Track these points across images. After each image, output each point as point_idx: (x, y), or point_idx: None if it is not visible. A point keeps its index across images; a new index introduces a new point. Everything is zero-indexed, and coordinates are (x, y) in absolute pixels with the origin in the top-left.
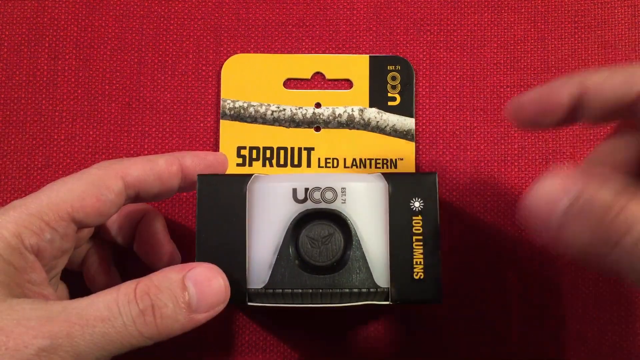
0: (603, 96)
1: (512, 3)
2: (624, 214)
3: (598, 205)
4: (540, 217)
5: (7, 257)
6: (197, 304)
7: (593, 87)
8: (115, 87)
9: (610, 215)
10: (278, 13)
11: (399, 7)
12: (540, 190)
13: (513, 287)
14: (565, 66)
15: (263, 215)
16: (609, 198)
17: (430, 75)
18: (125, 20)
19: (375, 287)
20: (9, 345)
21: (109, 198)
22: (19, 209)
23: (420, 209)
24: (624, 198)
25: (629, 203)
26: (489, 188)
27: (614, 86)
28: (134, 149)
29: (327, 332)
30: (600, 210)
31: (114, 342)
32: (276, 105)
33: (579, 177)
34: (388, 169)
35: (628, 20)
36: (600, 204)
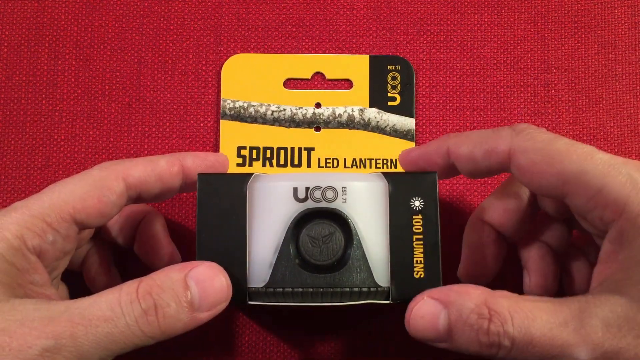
0: (470, 165)
1: (512, 3)
2: (494, 322)
3: (471, 317)
4: (427, 336)
5: (10, 259)
6: (200, 302)
7: (460, 156)
8: (115, 87)
9: (484, 324)
10: (278, 13)
11: (399, 7)
12: (418, 313)
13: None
14: (565, 66)
15: (263, 214)
16: (477, 307)
17: (430, 75)
18: (125, 20)
19: (376, 286)
20: (13, 346)
21: (111, 199)
22: (21, 211)
23: (420, 208)
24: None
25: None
26: (489, 188)
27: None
28: (134, 149)
29: (327, 332)
30: (474, 321)
31: (117, 342)
32: (276, 105)
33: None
34: (388, 169)
35: (628, 20)
36: (472, 315)
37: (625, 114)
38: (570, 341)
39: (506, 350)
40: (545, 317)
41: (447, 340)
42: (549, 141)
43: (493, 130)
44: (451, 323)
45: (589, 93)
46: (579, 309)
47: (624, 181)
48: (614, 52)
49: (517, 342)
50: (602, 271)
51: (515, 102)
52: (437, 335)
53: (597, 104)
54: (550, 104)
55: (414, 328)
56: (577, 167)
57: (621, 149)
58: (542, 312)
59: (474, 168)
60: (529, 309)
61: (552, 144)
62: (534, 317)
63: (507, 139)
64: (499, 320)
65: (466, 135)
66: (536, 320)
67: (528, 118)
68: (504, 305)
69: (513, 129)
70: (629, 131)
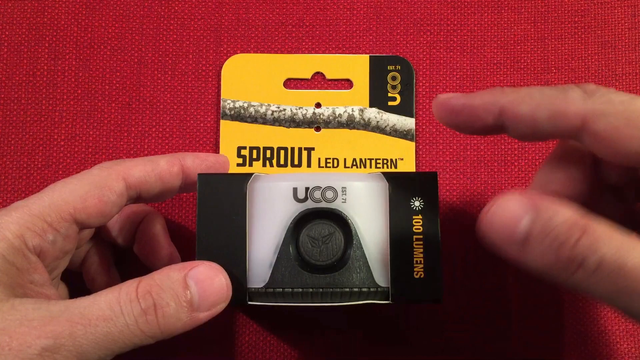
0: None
1: (512, 3)
2: (586, 236)
3: (560, 227)
4: (500, 236)
5: (10, 258)
6: (199, 302)
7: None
8: (115, 87)
9: (573, 237)
10: (278, 13)
11: (399, 7)
12: (500, 209)
13: (513, 287)
14: (565, 66)
15: (263, 215)
16: (570, 220)
17: (430, 75)
18: (125, 20)
19: (376, 286)
20: (12, 345)
21: (111, 199)
22: (22, 210)
23: (420, 209)
24: (583, 220)
25: (589, 224)
26: (489, 188)
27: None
28: (134, 149)
29: (327, 332)
30: (563, 231)
31: (117, 341)
32: (276, 105)
33: (537, 198)
34: (388, 168)
35: (628, 20)
36: (562, 225)
37: None
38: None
39: (587, 272)
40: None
41: (520, 247)
42: (629, 102)
43: (558, 89)
44: (534, 228)
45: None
46: None
47: None
48: (614, 52)
49: (605, 264)
50: None
51: None
52: (511, 238)
53: None
54: None
55: (488, 222)
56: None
57: None
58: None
59: (533, 131)
60: (628, 239)
61: (634, 104)
62: (632, 247)
63: (578, 102)
64: (593, 237)
65: (525, 92)
66: (633, 251)
67: None
68: (602, 226)
69: (583, 89)
70: None
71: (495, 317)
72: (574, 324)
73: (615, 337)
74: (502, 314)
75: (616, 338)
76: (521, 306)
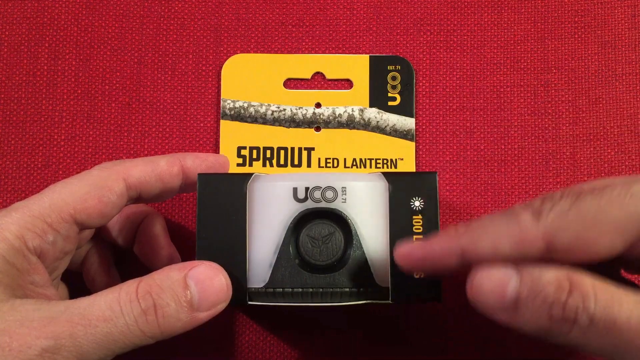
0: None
1: (512, 3)
2: (575, 293)
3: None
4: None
5: (10, 259)
6: (199, 302)
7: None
8: (115, 87)
9: (563, 295)
10: (278, 13)
11: (399, 7)
12: (485, 275)
13: None
14: (565, 66)
15: (263, 215)
16: (557, 278)
17: (430, 75)
18: (125, 20)
19: (376, 286)
20: (13, 346)
21: (111, 199)
22: (22, 211)
23: (420, 208)
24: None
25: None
26: (489, 188)
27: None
28: (134, 149)
29: (327, 332)
30: (551, 291)
31: (117, 342)
32: (276, 105)
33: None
34: (388, 168)
35: (628, 20)
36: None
37: (625, 114)
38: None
39: (581, 330)
40: (634, 302)
41: (512, 311)
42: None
43: (508, 216)
44: (522, 291)
45: (589, 93)
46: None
47: None
48: (614, 52)
49: (597, 321)
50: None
51: (515, 102)
52: (502, 304)
53: (597, 104)
54: (550, 104)
55: (476, 289)
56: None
57: (621, 149)
58: (630, 297)
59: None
60: (616, 292)
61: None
62: (621, 300)
63: (532, 226)
64: (580, 296)
65: (479, 228)
66: (623, 305)
67: (528, 118)
68: (588, 281)
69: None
70: (629, 131)
71: None
72: None
73: None
74: None
75: None
76: None
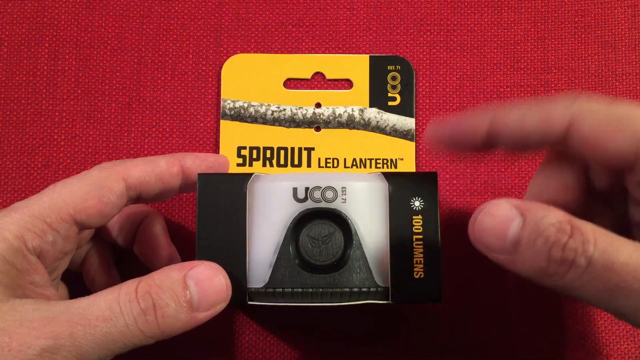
0: (519, 136)
1: (512, 3)
2: (576, 236)
3: (549, 229)
4: (491, 241)
5: (10, 259)
6: (199, 302)
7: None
8: (115, 87)
9: (563, 238)
10: (278, 13)
11: (399, 7)
12: (489, 214)
13: (513, 287)
14: (565, 66)
15: (263, 215)
16: (559, 222)
17: (430, 75)
18: (125, 20)
19: (376, 286)
20: (12, 346)
21: (111, 199)
22: (21, 211)
23: (420, 209)
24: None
25: (578, 225)
26: (489, 188)
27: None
28: (134, 149)
29: (327, 332)
30: (552, 233)
31: (116, 342)
32: (276, 105)
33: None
34: (388, 169)
35: (628, 20)
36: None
37: None
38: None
39: (578, 272)
40: (633, 248)
41: (511, 251)
42: (611, 105)
43: (544, 100)
44: (524, 232)
45: (589, 93)
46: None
47: None
48: (614, 52)
49: (594, 263)
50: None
51: None
52: (502, 243)
53: None
54: None
55: (478, 229)
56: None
57: None
58: (629, 245)
59: (524, 139)
60: (616, 239)
61: (618, 106)
62: (620, 246)
63: (563, 105)
64: (581, 238)
65: (513, 104)
66: (622, 249)
67: None
68: (589, 227)
69: (567, 96)
70: None
71: (495, 317)
72: (573, 325)
73: (615, 337)
74: (502, 314)
75: (616, 338)
76: (521, 306)
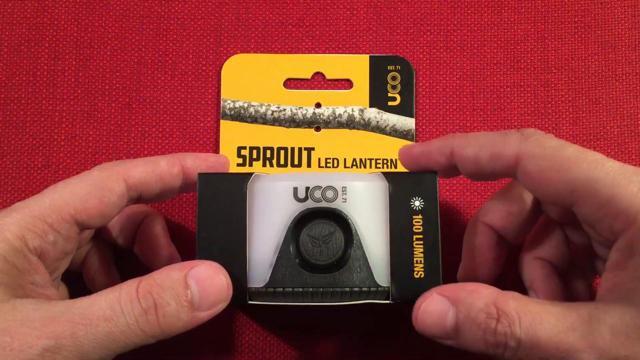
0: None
1: (512, 3)
2: (502, 321)
3: (479, 316)
4: (435, 333)
5: (11, 259)
6: (200, 302)
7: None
8: (115, 87)
9: (492, 324)
10: (278, 13)
11: (399, 7)
12: (427, 311)
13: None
14: (565, 66)
15: (263, 214)
16: (485, 307)
17: (430, 75)
18: (125, 20)
19: (376, 286)
20: (14, 346)
21: (112, 200)
22: (22, 211)
23: (420, 208)
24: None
25: (502, 308)
26: (489, 188)
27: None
28: (134, 149)
29: (327, 332)
30: (482, 320)
31: (118, 341)
32: (276, 105)
33: (454, 290)
34: (388, 169)
35: (628, 20)
36: (480, 314)
37: (625, 114)
38: (577, 346)
39: (512, 351)
40: (553, 320)
41: (454, 337)
42: (558, 148)
43: (500, 134)
44: (459, 321)
45: (589, 93)
46: (587, 315)
47: (635, 191)
48: (614, 52)
49: (523, 343)
50: (610, 279)
51: (515, 102)
52: (444, 333)
53: (597, 104)
54: (550, 104)
55: (421, 324)
56: (587, 175)
57: (621, 149)
58: (550, 316)
59: (478, 171)
60: (537, 312)
61: (562, 150)
62: (542, 320)
63: (514, 144)
64: (507, 321)
65: (472, 136)
66: (543, 323)
67: (528, 118)
68: (512, 306)
69: (521, 133)
70: (629, 131)
71: None
72: None
73: None
74: None
75: None
76: None
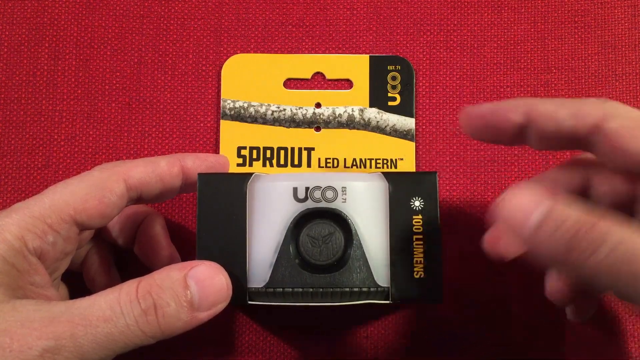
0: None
1: (512, 3)
2: (597, 228)
3: (571, 221)
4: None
5: (11, 260)
6: (199, 302)
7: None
8: (115, 87)
9: (584, 229)
10: (278, 13)
11: (399, 7)
12: (512, 201)
13: (513, 287)
14: (565, 66)
15: (263, 214)
16: (580, 214)
17: (430, 75)
18: (125, 20)
19: (376, 286)
20: (14, 347)
21: (112, 200)
22: (22, 212)
23: (420, 208)
24: (593, 214)
25: (599, 219)
26: (489, 188)
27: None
28: (134, 149)
29: (327, 332)
30: (574, 225)
31: (117, 342)
32: (276, 105)
33: (548, 193)
34: (388, 169)
35: (628, 20)
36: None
37: None
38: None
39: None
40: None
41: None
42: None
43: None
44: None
45: (589, 93)
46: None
47: None
48: (614, 52)
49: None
50: None
51: None
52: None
53: None
54: None
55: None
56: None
57: None
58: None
59: (555, 130)
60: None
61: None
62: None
63: (598, 104)
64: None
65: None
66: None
67: None
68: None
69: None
70: None
71: (495, 317)
72: (574, 324)
73: (616, 338)
74: (502, 314)
75: (616, 338)
76: (521, 306)
